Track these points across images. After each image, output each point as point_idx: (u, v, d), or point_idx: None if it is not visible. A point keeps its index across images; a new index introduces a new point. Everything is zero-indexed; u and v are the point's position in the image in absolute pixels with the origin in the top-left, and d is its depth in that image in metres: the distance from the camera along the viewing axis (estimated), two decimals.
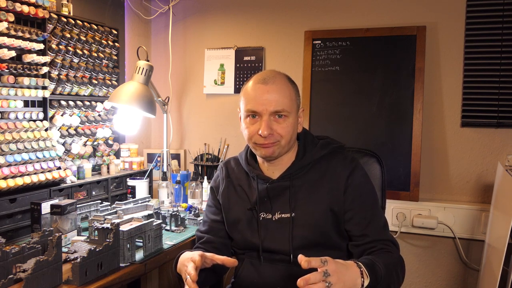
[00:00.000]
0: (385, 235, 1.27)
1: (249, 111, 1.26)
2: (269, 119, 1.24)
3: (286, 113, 1.25)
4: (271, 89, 1.25)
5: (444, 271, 2.17)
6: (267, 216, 1.30)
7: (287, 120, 1.26)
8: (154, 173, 2.35)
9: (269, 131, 1.23)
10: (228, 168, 1.44)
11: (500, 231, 1.60)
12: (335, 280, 0.99)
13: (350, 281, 1.03)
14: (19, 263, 1.20)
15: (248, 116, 1.27)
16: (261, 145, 1.27)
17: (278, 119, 1.25)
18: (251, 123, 1.27)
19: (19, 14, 1.67)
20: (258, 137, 1.25)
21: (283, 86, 1.27)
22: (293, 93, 1.30)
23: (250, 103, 1.26)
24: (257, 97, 1.25)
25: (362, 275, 1.06)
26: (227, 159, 1.48)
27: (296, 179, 1.31)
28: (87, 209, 1.75)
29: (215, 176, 1.48)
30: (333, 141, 1.37)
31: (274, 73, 1.31)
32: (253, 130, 1.26)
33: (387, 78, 2.18)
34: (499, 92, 2.02)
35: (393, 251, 1.25)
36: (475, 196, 2.11)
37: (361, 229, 1.26)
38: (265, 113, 1.24)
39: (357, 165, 1.32)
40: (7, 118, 1.65)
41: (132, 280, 1.40)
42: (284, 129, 1.25)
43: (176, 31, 2.66)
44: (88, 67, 2.06)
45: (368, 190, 1.31)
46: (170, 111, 2.67)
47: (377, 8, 2.24)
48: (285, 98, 1.25)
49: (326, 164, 1.32)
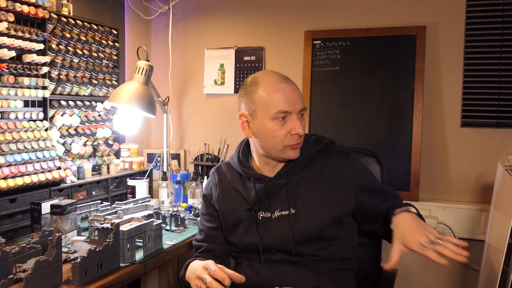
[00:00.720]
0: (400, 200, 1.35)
1: (280, 112, 1.23)
2: (299, 117, 1.26)
3: (305, 111, 1.29)
4: (294, 87, 1.27)
5: (444, 271, 2.17)
6: (266, 215, 1.30)
7: (303, 118, 1.30)
8: (154, 173, 2.35)
9: (303, 130, 1.25)
10: (220, 173, 1.43)
11: (500, 231, 1.60)
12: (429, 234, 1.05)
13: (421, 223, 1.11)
14: (19, 263, 1.20)
15: (276, 118, 1.24)
16: (292, 146, 1.26)
17: (300, 118, 1.27)
18: (281, 124, 1.24)
19: (19, 14, 1.67)
20: (292, 137, 1.24)
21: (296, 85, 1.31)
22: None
23: (281, 104, 1.23)
24: (287, 97, 1.23)
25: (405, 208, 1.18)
26: (218, 164, 1.48)
27: (293, 175, 1.31)
28: (87, 209, 1.75)
29: (207, 183, 1.47)
30: (322, 137, 1.39)
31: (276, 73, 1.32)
32: (285, 131, 1.24)
33: (387, 78, 2.18)
34: (499, 92, 2.02)
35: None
36: (475, 196, 2.11)
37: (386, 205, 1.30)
38: (295, 112, 1.25)
39: (354, 156, 1.37)
40: (7, 118, 1.65)
41: (132, 280, 1.40)
42: (304, 127, 1.28)
43: (176, 31, 2.66)
44: (88, 67, 2.06)
45: (370, 174, 1.38)
46: (170, 111, 2.67)
47: (377, 8, 2.24)
48: (302, 98, 1.29)
49: (323, 159, 1.33)
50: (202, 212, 1.46)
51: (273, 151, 1.28)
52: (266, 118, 1.24)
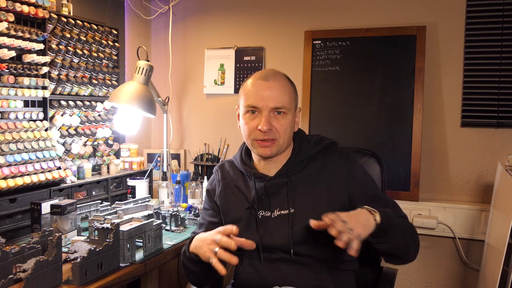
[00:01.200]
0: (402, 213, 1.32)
1: (249, 107, 1.28)
2: (269, 115, 1.26)
3: (285, 110, 1.27)
4: (272, 85, 1.27)
5: (444, 271, 2.17)
6: (266, 214, 1.31)
7: (286, 117, 1.28)
8: (154, 173, 2.35)
9: (268, 126, 1.25)
10: (223, 170, 1.45)
11: (500, 231, 1.60)
12: (353, 224, 1.07)
13: (364, 220, 1.11)
14: (19, 263, 1.20)
15: (247, 112, 1.29)
16: (259, 143, 1.28)
17: (277, 116, 1.27)
18: (250, 118, 1.29)
19: (19, 14, 1.67)
20: (258, 132, 1.27)
21: (283, 83, 1.30)
22: (292, 92, 1.32)
23: (250, 99, 1.27)
24: (258, 93, 1.26)
25: (370, 212, 1.13)
26: (221, 162, 1.49)
27: (293, 175, 1.32)
28: (87, 209, 1.75)
29: (211, 179, 1.48)
30: (324, 138, 1.40)
31: (274, 71, 1.33)
32: (253, 126, 1.27)
33: (387, 78, 2.18)
34: (499, 92, 2.02)
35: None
36: (475, 196, 2.11)
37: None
38: (265, 108, 1.26)
39: (354, 158, 1.36)
40: (7, 118, 1.65)
41: (132, 280, 1.40)
42: (283, 126, 1.27)
43: (176, 31, 2.66)
44: (88, 67, 2.06)
45: (371, 180, 1.36)
46: (170, 111, 2.67)
47: (377, 8, 2.24)
48: (285, 95, 1.28)
49: (322, 159, 1.34)
50: (204, 207, 1.46)
51: (248, 145, 1.34)
52: (242, 111, 1.32)
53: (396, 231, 1.17)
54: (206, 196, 1.47)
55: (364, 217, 1.12)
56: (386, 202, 1.31)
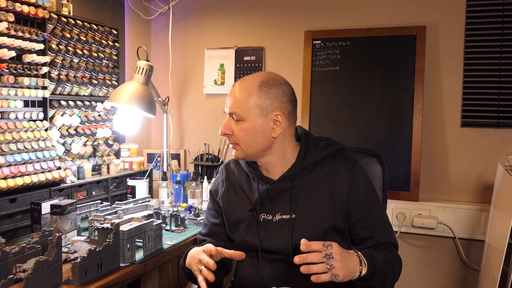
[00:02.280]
0: (390, 238, 1.29)
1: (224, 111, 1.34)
2: (229, 119, 1.30)
3: (238, 117, 1.27)
4: (234, 91, 1.30)
5: (444, 271, 2.17)
6: (267, 217, 1.30)
7: (242, 123, 1.27)
8: (154, 173, 2.35)
9: (224, 130, 1.29)
10: (228, 170, 1.44)
11: (500, 231, 1.60)
12: (339, 265, 1.04)
13: (352, 267, 1.09)
14: (19, 263, 1.20)
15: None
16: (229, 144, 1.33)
17: (236, 121, 1.29)
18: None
19: (19, 14, 1.67)
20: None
21: (246, 89, 1.27)
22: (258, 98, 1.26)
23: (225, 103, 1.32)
24: (227, 98, 1.31)
25: (361, 263, 1.10)
26: (227, 161, 1.49)
27: (297, 180, 1.30)
28: (87, 209, 1.75)
29: (215, 179, 1.48)
30: (334, 142, 1.36)
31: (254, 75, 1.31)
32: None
33: (387, 78, 2.18)
34: (499, 92, 2.02)
35: (393, 251, 1.28)
36: (475, 196, 2.11)
37: (369, 232, 1.27)
38: (227, 113, 1.30)
39: (360, 168, 1.32)
40: (7, 118, 1.65)
41: (132, 280, 1.40)
42: (238, 132, 1.28)
43: (176, 31, 2.66)
44: (88, 67, 2.06)
45: (372, 194, 1.32)
46: (170, 111, 2.67)
47: (377, 8, 2.24)
48: (242, 102, 1.26)
49: (328, 166, 1.31)
50: (208, 207, 1.47)
51: None
52: None
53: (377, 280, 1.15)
54: (209, 197, 1.47)
55: (353, 264, 1.09)
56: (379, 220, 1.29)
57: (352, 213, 1.27)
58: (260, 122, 1.26)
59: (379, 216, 1.30)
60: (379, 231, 1.27)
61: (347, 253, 1.10)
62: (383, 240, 1.26)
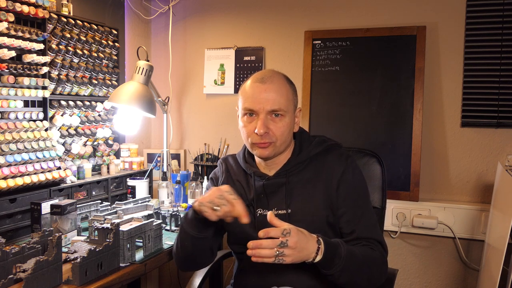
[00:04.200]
0: (372, 233, 1.28)
1: (246, 110, 1.28)
2: (266, 118, 1.26)
3: (282, 113, 1.27)
4: (268, 88, 1.26)
5: (444, 271, 2.17)
6: (264, 212, 1.31)
7: (283, 119, 1.27)
8: (154, 173, 2.35)
9: (265, 129, 1.25)
10: (227, 163, 1.46)
11: (500, 231, 1.60)
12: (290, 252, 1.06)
13: (304, 255, 1.09)
14: (19, 263, 1.20)
15: (245, 115, 1.29)
16: (257, 145, 1.28)
17: (274, 118, 1.27)
18: (248, 121, 1.29)
19: (19, 14, 1.67)
20: (255, 136, 1.27)
21: (280, 85, 1.28)
22: (290, 93, 1.31)
23: (247, 102, 1.27)
24: (254, 96, 1.26)
25: (317, 251, 1.11)
26: (225, 156, 1.50)
27: (292, 175, 1.32)
28: (87, 209, 1.75)
29: (215, 170, 1.50)
30: (328, 139, 1.39)
31: (272, 72, 1.32)
32: (250, 129, 1.28)
33: (387, 78, 2.18)
34: (499, 92, 2.02)
35: (376, 249, 1.25)
36: (475, 196, 2.11)
37: (351, 226, 1.27)
38: (262, 111, 1.25)
39: (352, 162, 1.33)
40: (7, 118, 1.65)
41: (132, 280, 1.40)
42: (280, 129, 1.26)
43: (176, 31, 2.66)
44: (88, 67, 2.06)
45: (360, 188, 1.32)
46: (170, 111, 2.67)
47: (377, 8, 2.24)
48: (282, 98, 1.27)
49: (322, 161, 1.33)
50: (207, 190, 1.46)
51: (248, 146, 1.34)
52: (240, 114, 1.32)
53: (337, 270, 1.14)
54: (209, 183, 1.48)
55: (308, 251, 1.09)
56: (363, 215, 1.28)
57: (339, 205, 1.28)
58: (293, 117, 1.32)
59: (364, 211, 1.29)
60: (362, 226, 1.26)
61: (305, 239, 1.09)
62: (365, 235, 1.25)
